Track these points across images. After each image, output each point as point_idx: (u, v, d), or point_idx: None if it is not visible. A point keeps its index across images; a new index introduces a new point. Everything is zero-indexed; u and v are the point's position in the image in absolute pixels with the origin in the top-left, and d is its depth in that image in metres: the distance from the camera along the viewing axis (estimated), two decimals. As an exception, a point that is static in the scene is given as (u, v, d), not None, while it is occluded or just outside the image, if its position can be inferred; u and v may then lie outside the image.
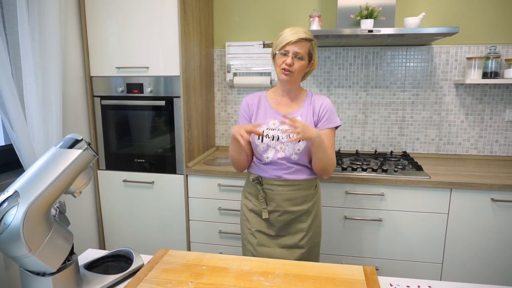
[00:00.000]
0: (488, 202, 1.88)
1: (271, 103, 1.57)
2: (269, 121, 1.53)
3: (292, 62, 1.43)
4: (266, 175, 1.54)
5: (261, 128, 1.51)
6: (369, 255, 2.06)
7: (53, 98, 1.84)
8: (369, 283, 1.05)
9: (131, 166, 2.28)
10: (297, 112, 1.54)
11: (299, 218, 1.55)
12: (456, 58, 2.36)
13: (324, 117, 1.53)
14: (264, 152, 1.51)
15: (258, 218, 1.58)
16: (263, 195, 1.54)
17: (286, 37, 1.43)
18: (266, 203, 1.55)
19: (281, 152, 1.49)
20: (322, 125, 1.52)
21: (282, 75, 1.47)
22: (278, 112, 1.54)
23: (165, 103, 2.17)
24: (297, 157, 1.48)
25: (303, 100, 1.56)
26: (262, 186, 1.55)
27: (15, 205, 0.89)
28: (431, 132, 2.47)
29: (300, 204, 1.54)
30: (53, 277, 0.95)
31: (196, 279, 1.08)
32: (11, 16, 1.65)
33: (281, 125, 1.50)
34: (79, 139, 1.01)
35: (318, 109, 1.53)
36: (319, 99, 1.56)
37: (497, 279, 1.94)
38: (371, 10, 2.09)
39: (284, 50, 1.44)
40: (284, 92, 1.56)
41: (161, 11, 2.07)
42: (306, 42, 1.44)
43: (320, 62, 2.51)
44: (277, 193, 1.52)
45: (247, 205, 1.63)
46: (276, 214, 1.54)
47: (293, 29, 1.45)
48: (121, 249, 1.23)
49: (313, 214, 1.57)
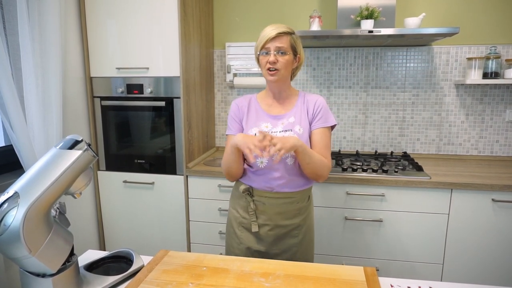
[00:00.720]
0: (489, 202, 1.88)
1: (262, 105, 1.49)
2: (260, 124, 1.45)
3: (275, 59, 1.35)
4: (257, 186, 1.44)
5: (253, 131, 1.43)
6: (370, 256, 2.05)
7: (53, 98, 1.84)
8: (370, 284, 1.04)
9: (131, 167, 2.28)
10: (290, 112, 1.46)
11: (291, 232, 1.46)
12: (456, 58, 2.36)
13: (318, 116, 1.44)
14: (257, 157, 1.40)
15: (247, 233, 1.48)
16: (253, 207, 1.44)
17: (265, 34, 1.37)
18: (256, 215, 1.45)
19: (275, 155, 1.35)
20: (316, 124, 1.44)
21: (268, 76, 1.39)
22: (269, 114, 1.47)
23: (165, 104, 2.17)
24: (293, 160, 1.40)
25: (296, 101, 1.49)
26: (253, 197, 1.45)
27: (15, 206, 0.89)
28: (432, 133, 2.47)
29: (292, 218, 1.45)
30: (53, 278, 0.95)
31: (197, 280, 1.07)
32: (11, 17, 1.65)
33: (274, 127, 1.43)
34: (79, 140, 1.00)
35: (312, 108, 1.45)
36: (312, 98, 1.48)
37: (498, 279, 1.94)
38: (371, 11, 2.09)
39: (265, 48, 1.37)
40: (274, 94, 1.48)
41: (161, 12, 2.07)
42: (286, 35, 1.37)
43: (320, 62, 2.51)
44: (269, 206, 1.43)
45: (235, 217, 1.52)
46: (266, 228, 1.45)
47: (271, 25, 1.39)
48: (121, 250, 1.23)
49: (305, 228, 1.49)
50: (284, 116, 1.45)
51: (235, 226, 1.51)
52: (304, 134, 1.41)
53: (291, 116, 1.44)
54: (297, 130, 1.41)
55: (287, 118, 1.44)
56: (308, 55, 2.52)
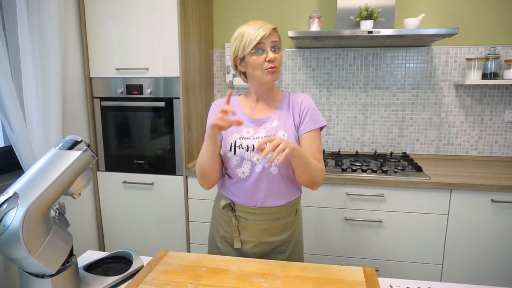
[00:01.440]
0: (488, 203, 1.88)
1: (244, 108, 1.34)
2: (242, 129, 1.29)
3: (274, 56, 1.23)
4: (238, 201, 1.30)
5: (234, 138, 1.28)
6: (369, 256, 2.05)
7: (52, 99, 1.84)
8: (369, 285, 1.04)
9: (131, 167, 2.28)
10: (274, 115, 1.31)
11: (277, 249, 1.34)
12: (455, 59, 2.36)
13: (306, 118, 1.30)
14: (238, 167, 1.27)
15: (230, 247, 1.36)
16: (236, 223, 1.32)
17: (256, 33, 1.22)
18: (238, 231, 1.32)
19: (259, 164, 1.25)
20: (305, 127, 1.29)
21: (268, 75, 1.24)
22: (251, 118, 1.31)
23: (165, 104, 2.17)
24: (277, 169, 1.25)
25: (280, 101, 1.34)
26: (235, 212, 1.32)
27: (14, 206, 0.89)
28: (431, 133, 2.47)
29: (277, 234, 1.32)
30: (52, 279, 0.95)
31: (196, 280, 1.07)
32: (11, 18, 1.65)
33: (256, 133, 1.28)
34: (78, 141, 1.00)
35: (298, 110, 1.31)
36: (297, 98, 1.33)
37: (497, 280, 1.94)
38: (371, 11, 2.10)
39: (259, 47, 1.23)
40: (258, 96, 1.34)
41: (161, 13, 2.07)
42: (276, 31, 1.26)
43: (319, 63, 2.51)
44: (252, 222, 1.30)
45: (217, 230, 1.40)
46: (250, 245, 1.32)
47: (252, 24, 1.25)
48: (120, 250, 1.23)
49: (292, 244, 1.36)
50: (267, 120, 1.30)
51: (218, 239, 1.40)
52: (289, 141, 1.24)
53: (275, 120, 1.30)
54: (281, 136, 1.26)
55: (270, 122, 1.30)
56: (307, 56, 2.52)
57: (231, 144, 1.28)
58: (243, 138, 1.27)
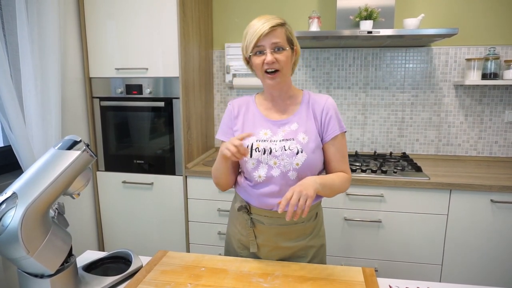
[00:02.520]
0: (488, 203, 1.88)
1: (261, 109, 1.28)
2: (259, 131, 1.23)
3: (273, 58, 1.14)
4: (255, 203, 1.24)
5: (250, 140, 1.21)
6: (369, 257, 2.05)
7: (52, 99, 1.84)
8: (368, 285, 1.04)
9: (130, 167, 2.28)
10: (293, 117, 1.24)
11: (297, 253, 1.26)
12: (455, 59, 2.36)
13: (331, 123, 1.22)
14: (255, 170, 1.20)
15: (247, 252, 1.30)
16: (251, 225, 1.25)
17: (255, 30, 1.14)
18: (254, 234, 1.26)
19: (276, 168, 1.18)
20: (330, 134, 1.22)
21: (267, 79, 1.18)
22: (269, 119, 1.25)
23: (164, 104, 2.17)
24: (296, 174, 1.18)
25: (299, 103, 1.26)
26: (251, 215, 1.25)
27: (13, 206, 0.89)
28: (431, 133, 2.47)
29: (295, 239, 1.25)
30: (51, 279, 0.95)
31: (195, 280, 1.07)
32: (10, 17, 1.65)
33: (274, 135, 1.22)
34: (77, 141, 1.00)
35: (321, 114, 1.23)
36: (319, 100, 1.25)
37: (497, 280, 1.94)
38: (370, 11, 2.10)
39: (258, 47, 1.15)
40: (274, 97, 1.27)
41: (161, 12, 2.07)
42: (280, 27, 1.16)
43: (319, 63, 2.51)
44: (268, 226, 1.24)
45: (234, 234, 1.33)
46: (267, 249, 1.26)
47: (258, 18, 1.17)
48: (120, 250, 1.23)
49: (314, 249, 1.28)
50: (285, 122, 1.24)
51: (235, 243, 1.33)
52: (310, 144, 1.19)
53: (294, 122, 1.23)
54: (301, 139, 1.20)
55: (289, 124, 1.23)
56: (307, 56, 2.52)
57: (248, 146, 1.21)
58: (260, 141, 1.21)
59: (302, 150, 1.18)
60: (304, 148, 1.18)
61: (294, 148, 1.18)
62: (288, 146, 1.18)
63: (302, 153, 1.18)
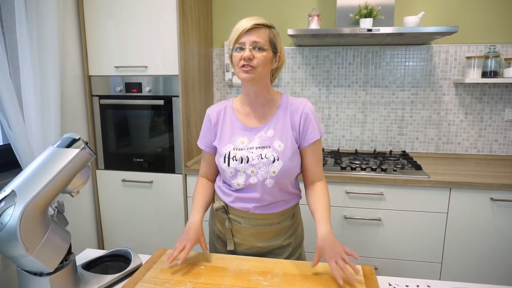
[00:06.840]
0: (488, 201, 1.88)
1: (238, 115, 1.26)
2: (236, 140, 1.22)
3: (251, 54, 1.13)
4: (233, 204, 1.26)
5: (228, 148, 1.22)
6: (368, 255, 2.05)
7: (51, 97, 1.83)
8: (368, 283, 1.04)
9: (130, 165, 2.28)
10: (269, 124, 1.22)
11: (273, 251, 1.30)
12: (455, 57, 2.36)
13: (309, 129, 1.21)
14: (233, 178, 1.22)
15: (225, 248, 1.34)
16: (229, 225, 1.29)
17: (238, 27, 1.16)
18: (232, 233, 1.29)
19: (253, 176, 1.19)
20: (308, 139, 1.22)
21: (242, 73, 1.15)
22: (245, 126, 1.23)
23: (164, 103, 2.16)
24: (273, 182, 1.19)
25: (277, 107, 1.24)
26: (229, 215, 1.28)
27: (12, 204, 0.88)
28: (431, 132, 2.47)
29: (271, 239, 1.28)
30: (50, 277, 0.95)
31: (195, 278, 1.07)
32: (9, 16, 1.65)
33: (251, 142, 1.21)
34: (76, 138, 1.00)
35: (299, 120, 1.21)
36: (297, 105, 1.23)
37: (496, 278, 1.94)
38: (370, 9, 2.09)
39: (239, 43, 1.15)
40: (251, 99, 1.24)
41: (160, 10, 2.06)
42: (265, 28, 1.16)
43: (319, 61, 2.51)
44: (244, 226, 1.26)
45: (213, 230, 1.39)
46: (243, 247, 1.29)
47: (247, 18, 1.18)
48: (119, 248, 1.23)
49: (290, 248, 1.31)
50: (261, 128, 1.22)
51: (214, 238, 1.39)
52: (286, 152, 1.19)
53: (270, 129, 1.21)
54: (277, 147, 1.19)
55: (265, 130, 1.22)
56: (307, 54, 2.51)
57: (225, 155, 1.22)
58: (237, 149, 1.21)
59: (279, 158, 1.18)
60: (280, 156, 1.19)
61: (271, 156, 1.18)
62: (265, 154, 1.19)
63: (278, 160, 1.18)
